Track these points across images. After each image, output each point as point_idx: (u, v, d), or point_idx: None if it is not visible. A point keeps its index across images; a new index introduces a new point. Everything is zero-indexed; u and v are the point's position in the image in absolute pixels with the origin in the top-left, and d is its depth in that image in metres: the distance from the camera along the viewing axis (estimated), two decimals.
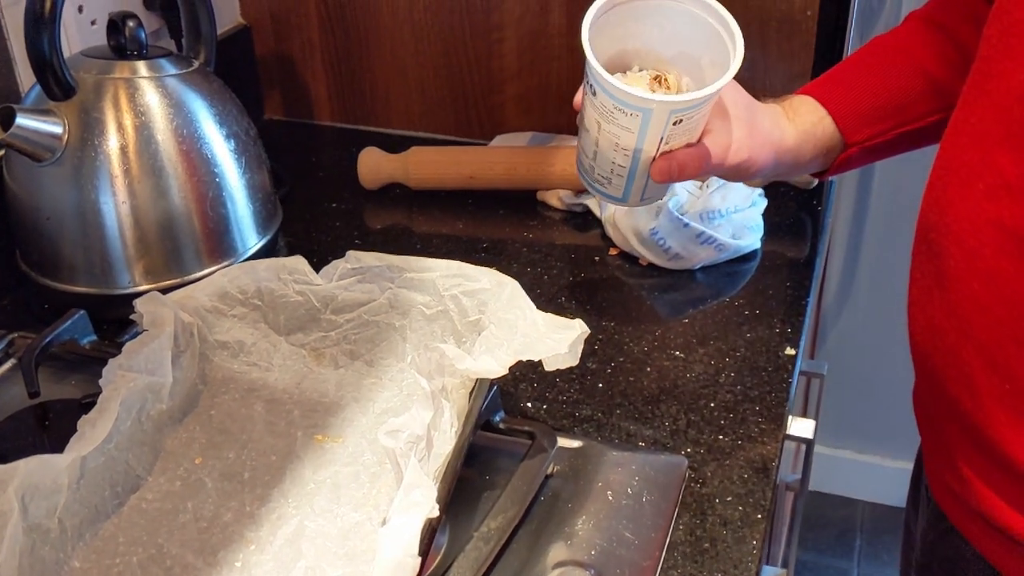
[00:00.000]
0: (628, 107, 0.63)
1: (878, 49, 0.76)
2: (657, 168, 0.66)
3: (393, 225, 1.00)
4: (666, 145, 0.65)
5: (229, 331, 0.69)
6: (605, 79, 0.62)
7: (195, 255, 0.83)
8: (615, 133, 0.65)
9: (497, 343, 0.60)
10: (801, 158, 0.74)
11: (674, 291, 0.88)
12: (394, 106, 1.16)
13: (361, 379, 0.68)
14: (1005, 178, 0.56)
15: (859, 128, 0.73)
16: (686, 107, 0.63)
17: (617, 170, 0.68)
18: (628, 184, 0.69)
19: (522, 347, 0.59)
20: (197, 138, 0.81)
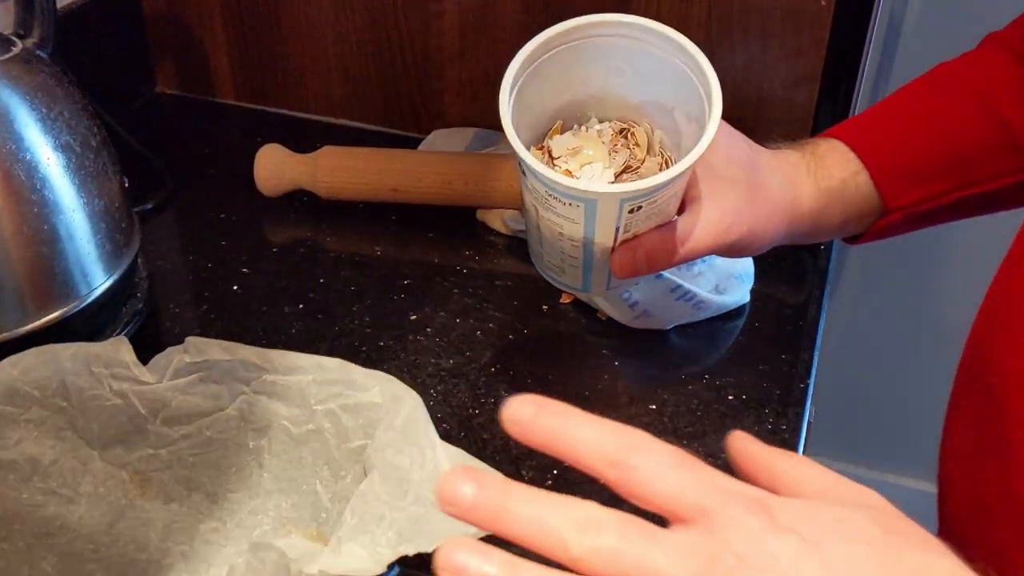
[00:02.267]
0: (565, 196, 0.44)
1: (939, 83, 0.56)
2: (618, 262, 0.48)
3: (295, 244, 0.80)
4: (626, 233, 0.47)
5: (19, 444, 0.50)
6: (530, 165, 0.43)
7: (16, 305, 0.62)
8: (555, 222, 0.47)
9: (377, 512, 0.41)
10: (824, 225, 0.55)
11: (639, 359, 0.69)
12: (311, 87, 0.95)
13: (198, 522, 0.49)
14: None
15: (906, 189, 0.54)
16: (640, 195, 0.44)
17: (569, 260, 0.50)
18: (586, 275, 0.51)
19: (411, 526, 0.40)
20: (12, 151, 0.60)
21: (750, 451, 0.35)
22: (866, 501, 0.33)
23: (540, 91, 0.49)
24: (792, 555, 0.29)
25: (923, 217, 0.56)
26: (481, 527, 0.30)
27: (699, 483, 0.30)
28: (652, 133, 0.53)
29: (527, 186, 0.49)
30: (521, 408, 0.31)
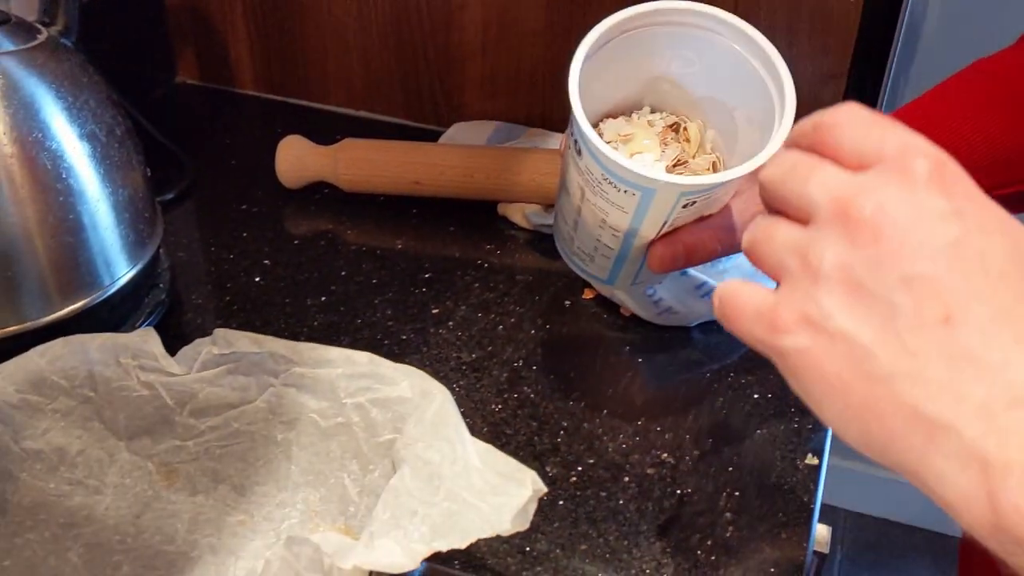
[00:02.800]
0: (622, 183, 0.44)
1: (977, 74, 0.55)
2: (657, 255, 0.47)
3: (315, 236, 0.80)
4: (669, 227, 0.46)
5: (46, 434, 0.49)
6: (595, 145, 0.43)
7: (39, 295, 0.62)
8: (602, 208, 0.46)
9: (409, 506, 0.41)
10: None
11: (663, 355, 0.69)
12: (332, 78, 0.95)
13: (225, 514, 0.49)
14: None
15: None
16: (704, 190, 0.44)
17: (603, 250, 0.50)
18: (616, 267, 0.50)
19: (444, 521, 0.40)
20: (37, 141, 0.60)
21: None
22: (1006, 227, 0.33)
23: (604, 74, 0.48)
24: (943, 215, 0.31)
25: None
26: None
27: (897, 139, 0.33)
28: (704, 131, 0.52)
29: (580, 167, 0.48)
30: None
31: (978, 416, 0.29)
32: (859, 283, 0.31)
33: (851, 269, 0.31)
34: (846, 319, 0.31)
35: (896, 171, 0.32)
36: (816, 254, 0.32)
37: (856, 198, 0.32)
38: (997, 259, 0.31)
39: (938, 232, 0.31)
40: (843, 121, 0.34)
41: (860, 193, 0.32)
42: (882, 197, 0.32)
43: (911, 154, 0.32)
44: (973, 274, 0.30)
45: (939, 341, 0.30)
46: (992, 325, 0.30)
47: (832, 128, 0.34)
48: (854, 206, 0.32)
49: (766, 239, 0.34)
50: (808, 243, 0.33)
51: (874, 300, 0.31)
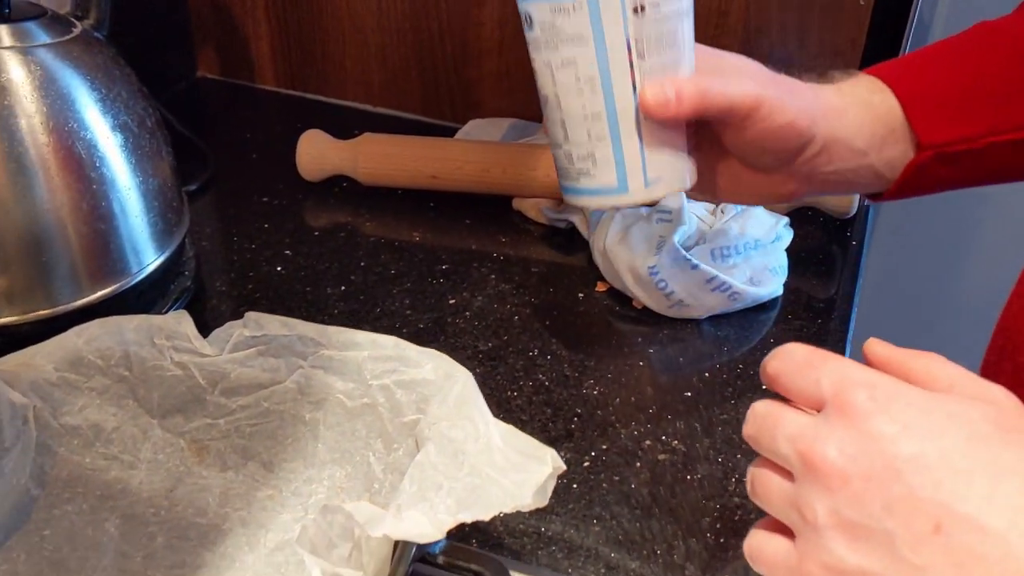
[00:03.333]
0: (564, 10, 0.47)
1: (978, 30, 0.57)
2: (647, 95, 0.49)
3: (335, 228, 0.82)
4: (641, 60, 0.49)
5: (83, 411, 0.51)
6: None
7: (70, 279, 0.64)
8: (569, 59, 0.49)
9: (435, 480, 0.43)
10: (852, 135, 0.54)
11: (674, 346, 0.71)
12: (350, 74, 0.97)
13: (254, 490, 0.51)
14: None
15: (939, 124, 0.54)
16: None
17: (595, 128, 0.51)
18: (617, 151, 0.52)
19: (468, 495, 0.42)
20: (72, 131, 0.62)
21: (885, 354, 0.40)
22: (992, 396, 0.37)
23: None
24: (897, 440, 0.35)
25: (955, 162, 0.55)
26: None
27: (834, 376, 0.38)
28: None
29: (533, 40, 0.50)
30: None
31: None
32: (852, 523, 0.36)
33: (840, 514, 0.36)
34: (857, 557, 0.36)
35: (838, 412, 0.37)
36: (809, 509, 0.37)
37: (814, 448, 0.37)
38: (959, 446, 0.35)
39: (895, 453, 0.35)
40: (781, 371, 0.40)
41: (815, 442, 0.37)
42: (835, 441, 0.36)
43: (847, 390, 0.37)
44: (943, 473, 0.34)
45: (939, 551, 0.34)
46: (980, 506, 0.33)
47: (776, 380, 0.40)
48: (816, 456, 0.37)
49: (762, 488, 0.40)
50: (798, 500, 0.38)
51: (871, 533, 0.35)
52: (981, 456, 0.34)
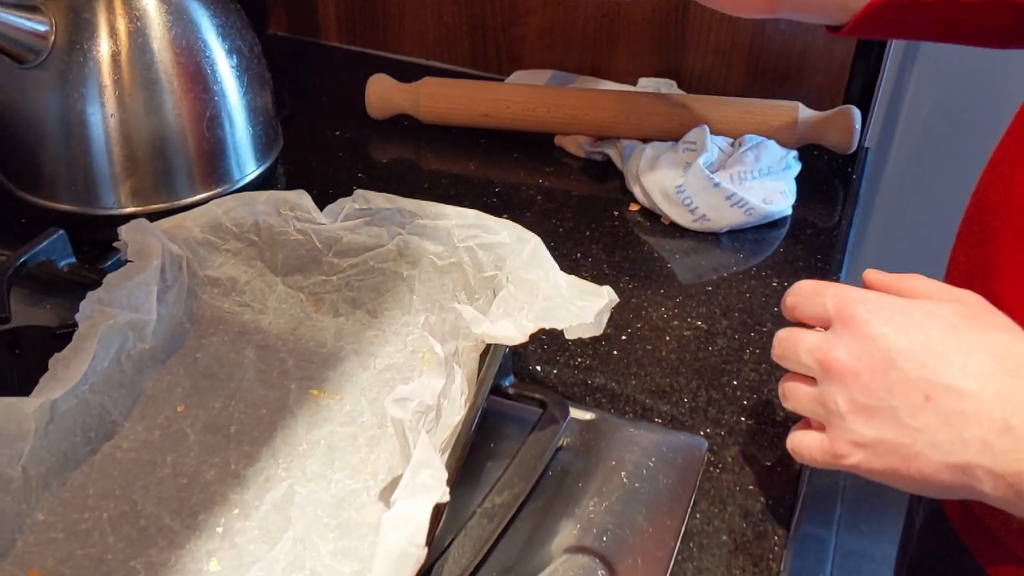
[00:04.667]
0: None
1: None
2: None
3: (400, 160, 0.94)
4: None
5: (221, 267, 0.63)
6: None
7: (187, 179, 0.77)
8: None
9: (516, 305, 0.55)
10: None
11: (697, 255, 0.82)
12: (407, 31, 1.09)
13: (363, 330, 0.62)
14: None
15: None
16: None
17: None
18: None
19: (544, 313, 0.54)
20: (197, 51, 0.74)
21: (879, 279, 0.53)
22: (960, 298, 0.50)
23: None
24: (889, 337, 0.47)
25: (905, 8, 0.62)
26: None
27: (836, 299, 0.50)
28: None
29: None
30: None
31: (982, 452, 0.44)
32: (866, 406, 0.47)
33: (856, 400, 0.48)
34: (873, 431, 0.47)
35: (842, 324, 0.48)
36: (832, 401, 0.48)
37: (828, 354, 0.48)
38: (936, 336, 0.47)
39: (889, 347, 0.47)
40: (795, 302, 0.52)
41: (829, 349, 0.48)
42: (843, 346, 0.48)
43: (847, 307, 0.49)
44: (926, 357, 0.46)
45: (931, 414, 0.46)
46: (958, 377, 0.45)
47: (792, 310, 0.52)
48: (831, 360, 0.48)
49: (793, 396, 0.52)
50: (822, 397, 0.49)
51: (881, 410, 0.46)
52: (953, 341, 0.46)
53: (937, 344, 0.46)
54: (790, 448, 0.53)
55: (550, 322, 0.53)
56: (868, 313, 0.48)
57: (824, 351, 0.49)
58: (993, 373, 0.45)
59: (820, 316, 0.50)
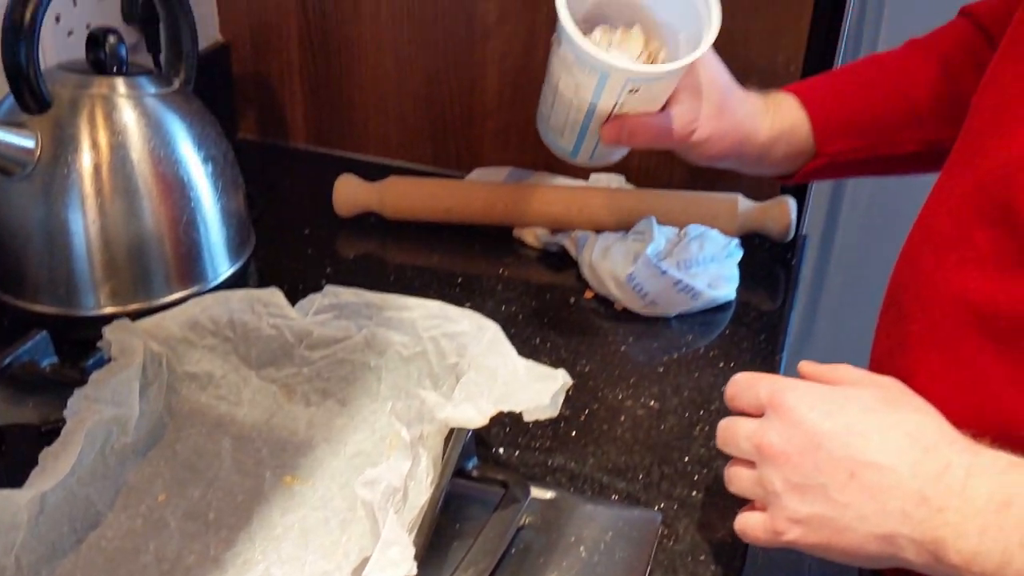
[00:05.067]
0: (586, 65, 0.63)
1: (871, 65, 0.77)
2: (607, 129, 0.67)
3: (367, 255, 0.99)
4: (620, 109, 0.66)
5: (199, 362, 0.67)
6: (567, 31, 0.63)
7: (164, 280, 0.81)
8: (572, 87, 0.66)
9: (477, 390, 0.59)
10: (770, 157, 0.75)
11: (649, 338, 0.87)
12: (372, 133, 1.15)
13: (333, 419, 0.66)
14: (979, 253, 0.56)
15: (834, 139, 0.74)
16: (643, 78, 0.63)
17: (571, 124, 0.69)
18: (579, 140, 0.70)
19: (503, 396, 0.58)
20: (174, 160, 0.79)
21: (811, 369, 0.59)
22: (879, 383, 0.56)
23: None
24: (815, 421, 0.52)
25: (844, 167, 0.76)
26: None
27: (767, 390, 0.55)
28: (660, 50, 0.70)
29: (558, 53, 0.66)
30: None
31: (903, 522, 0.49)
32: (798, 484, 0.52)
33: (789, 480, 0.53)
34: (807, 507, 0.51)
35: (774, 411, 0.53)
36: (769, 483, 0.53)
37: (763, 439, 0.53)
38: (857, 418, 0.52)
39: (815, 431, 0.52)
40: (734, 393, 0.57)
41: (764, 435, 0.53)
42: (775, 431, 0.53)
43: (777, 395, 0.54)
44: (848, 437, 0.51)
45: (858, 489, 0.51)
46: (877, 454, 0.50)
47: (732, 400, 0.58)
48: (765, 444, 0.53)
49: (736, 480, 0.56)
50: (761, 479, 0.54)
51: (812, 488, 0.51)
52: (872, 421, 0.52)
53: (858, 425, 0.51)
54: (737, 530, 0.58)
55: (509, 405, 0.57)
56: (796, 400, 0.53)
57: (759, 436, 0.53)
58: (908, 449, 0.50)
59: (756, 405, 0.55)
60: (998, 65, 0.59)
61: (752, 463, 0.55)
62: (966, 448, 0.50)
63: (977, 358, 0.56)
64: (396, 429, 0.54)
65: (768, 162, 0.75)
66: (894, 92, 0.74)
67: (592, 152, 0.71)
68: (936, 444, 0.50)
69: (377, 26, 1.08)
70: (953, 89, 0.73)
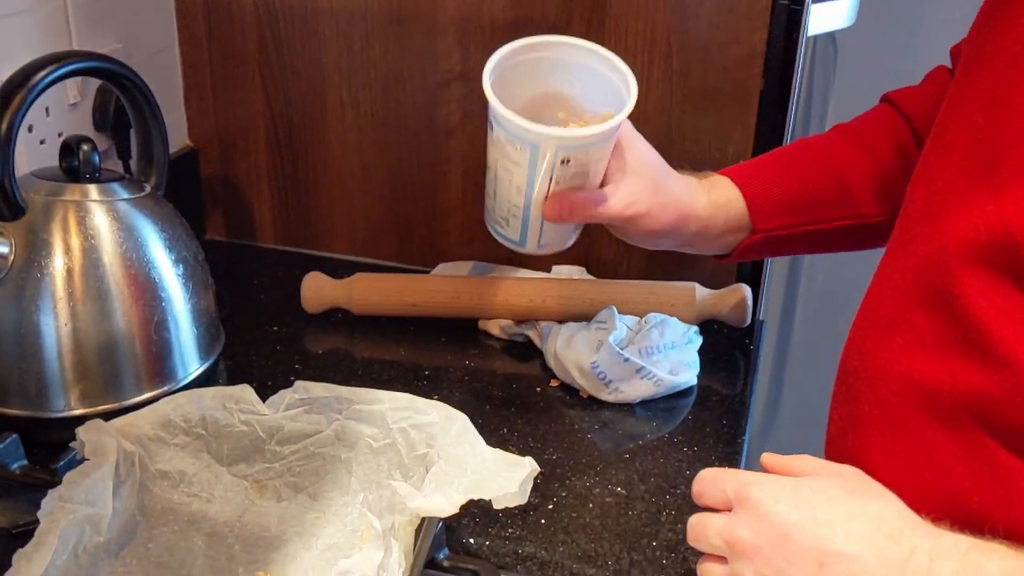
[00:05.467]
0: (517, 139, 0.66)
1: (800, 148, 0.81)
2: (548, 207, 0.69)
3: (335, 350, 1.00)
4: (556, 185, 0.68)
5: (171, 460, 0.68)
6: (494, 108, 0.65)
7: (135, 380, 0.82)
8: (508, 168, 0.68)
9: (447, 480, 0.60)
10: (709, 231, 0.77)
11: (614, 425, 0.89)
12: (338, 231, 1.18)
13: (304, 513, 0.67)
14: (918, 335, 0.59)
15: (768, 216, 0.77)
16: (572, 144, 0.66)
17: (513, 210, 0.71)
18: (524, 226, 0.72)
19: (472, 485, 0.59)
20: (145, 262, 0.81)
21: (772, 462, 0.60)
22: (841, 473, 0.57)
23: (511, 85, 0.69)
24: (781, 513, 0.53)
25: (779, 243, 0.79)
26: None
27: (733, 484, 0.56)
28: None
29: (492, 140, 0.69)
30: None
31: None
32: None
33: (761, 573, 0.54)
34: None
35: (741, 506, 0.55)
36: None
37: (733, 534, 0.54)
38: (822, 508, 0.54)
39: (782, 522, 0.54)
40: (700, 490, 0.58)
41: (733, 529, 0.55)
42: (744, 526, 0.54)
43: (743, 490, 0.55)
44: (814, 528, 0.53)
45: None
46: (843, 543, 0.52)
47: (699, 497, 0.58)
48: (735, 539, 0.54)
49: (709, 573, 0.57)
50: (733, 574, 0.55)
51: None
52: (836, 510, 0.53)
53: (823, 515, 0.53)
54: None
55: (478, 493, 0.59)
56: (762, 493, 0.55)
57: (729, 532, 0.55)
58: (872, 536, 0.51)
59: (722, 500, 0.57)
60: (926, 158, 0.63)
61: (723, 558, 0.56)
62: (928, 533, 0.52)
63: (927, 437, 0.59)
64: (368, 520, 0.55)
65: (708, 236, 0.78)
66: (823, 171, 0.78)
67: (539, 238, 0.73)
68: (900, 531, 0.52)
69: (342, 128, 1.12)
70: (878, 170, 0.78)
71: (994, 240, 0.54)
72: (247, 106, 1.14)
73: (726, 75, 0.98)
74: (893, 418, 0.60)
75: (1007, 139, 0.55)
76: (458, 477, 0.61)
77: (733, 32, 0.96)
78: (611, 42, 0.99)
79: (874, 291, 0.65)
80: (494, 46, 0.92)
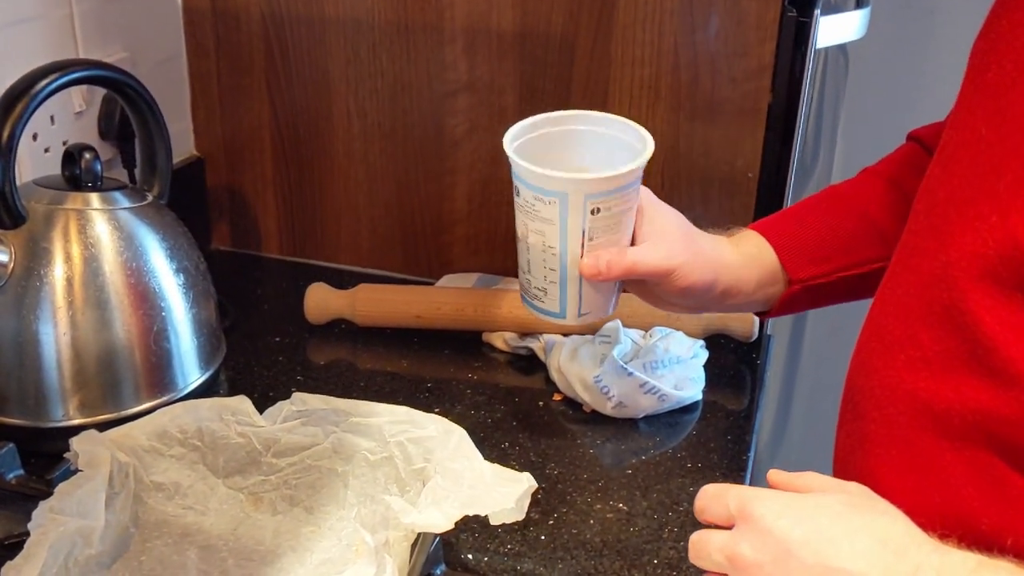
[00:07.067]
0: (544, 193, 0.65)
1: (827, 194, 0.79)
2: (584, 265, 0.68)
3: (337, 361, 0.99)
4: (590, 241, 0.67)
5: (166, 472, 0.67)
6: (516, 162, 0.64)
7: (134, 390, 0.81)
8: (540, 230, 0.67)
9: (443, 494, 0.59)
10: (743, 285, 0.75)
11: (617, 440, 0.88)
12: (343, 242, 1.17)
13: (299, 527, 0.66)
14: (924, 352, 0.58)
15: (801, 265, 0.75)
16: (599, 189, 0.65)
17: (549, 275, 0.69)
18: (563, 292, 0.70)
19: (469, 500, 0.58)
20: (146, 272, 0.81)
21: (779, 478, 0.59)
22: (846, 489, 0.56)
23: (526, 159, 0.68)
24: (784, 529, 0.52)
25: (817, 293, 0.76)
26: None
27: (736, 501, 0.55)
28: None
29: (519, 204, 0.68)
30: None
31: None
32: None
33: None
34: None
35: (744, 522, 0.54)
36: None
37: (735, 551, 0.53)
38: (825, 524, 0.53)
39: (786, 538, 0.52)
40: (703, 506, 0.57)
41: (735, 546, 0.53)
42: (747, 542, 0.53)
43: (746, 506, 0.54)
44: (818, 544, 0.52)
45: None
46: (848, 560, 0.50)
47: (701, 513, 0.57)
48: (738, 555, 0.53)
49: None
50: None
51: None
52: (840, 527, 0.52)
53: (827, 531, 0.52)
54: None
55: (474, 509, 0.58)
56: (764, 509, 0.53)
57: (731, 548, 0.54)
58: (878, 553, 0.50)
59: (725, 516, 0.56)
60: (932, 171, 0.62)
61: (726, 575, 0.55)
62: (935, 549, 0.51)
63: (935, 455, 0.58)
64: (362, 537, 0.54)
65: (744, 290, 0.76)
66: (852, 214, 0.77)
67: (580, 305, 0.71)
68: (906, 547, 0.51)
69: (349, 138, 1.11)
70: (908, 209, 0.76)
71: (1002, 254, 0.53)
72: (253, 116, 1.14)
73: (734, 87, 0.98)
74: (900, 437, 0.59)
75: (1011, 150, 0.54)
76: (455, 492, 0.60)
77: (741, 44, 0.96)
78: (618, 54, 0.99)
79: (878, 307, 0.64)
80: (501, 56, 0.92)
